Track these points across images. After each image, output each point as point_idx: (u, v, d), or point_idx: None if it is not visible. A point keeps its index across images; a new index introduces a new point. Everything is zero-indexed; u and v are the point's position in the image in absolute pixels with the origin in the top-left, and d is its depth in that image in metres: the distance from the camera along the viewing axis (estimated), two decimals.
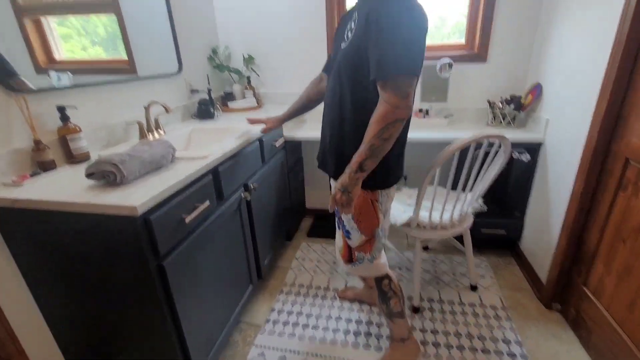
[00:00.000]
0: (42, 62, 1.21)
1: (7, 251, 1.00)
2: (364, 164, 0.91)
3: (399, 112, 0.86)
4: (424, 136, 1.78)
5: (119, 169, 0.91)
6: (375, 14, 0.85)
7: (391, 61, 0.83)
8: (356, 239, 1.13)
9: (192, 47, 1.93)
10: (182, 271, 1.02)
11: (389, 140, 0.88)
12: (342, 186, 0.95)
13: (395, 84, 0.84)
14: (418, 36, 0.86)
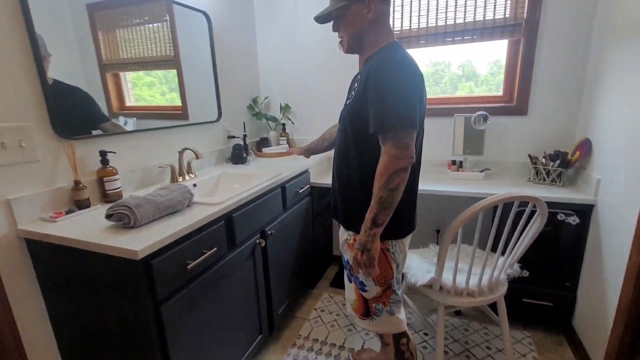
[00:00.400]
0: (115, 108, 1.45)
1: (34, 273, 1.10)
2: (377, 218, 0.93)
3: (400, 162, 0.89)
4: (457, 190, 1.67)
5: (133, 213, 0.98)
6: (373, 73, 0.93)
7: (389, 115, 0.89)
8: (372, 291, 1.12)
9: (233, 97, 2.11)
10: (181, 316, 1.02)
11: (396, 190, 0.91)
12: (360, 245, 0.97)
13: (395, 136, 0.89)
14: (413, 92, 0.93)
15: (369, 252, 0.96)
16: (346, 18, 1.02)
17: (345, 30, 1.05)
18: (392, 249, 1.09)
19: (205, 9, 1.80)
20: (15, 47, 1.03)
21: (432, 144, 2.04)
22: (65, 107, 1.19)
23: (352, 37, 1.04)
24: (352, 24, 1.02)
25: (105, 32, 1.40)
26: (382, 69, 0.92)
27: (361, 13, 1.00)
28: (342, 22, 1.04)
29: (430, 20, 1.87)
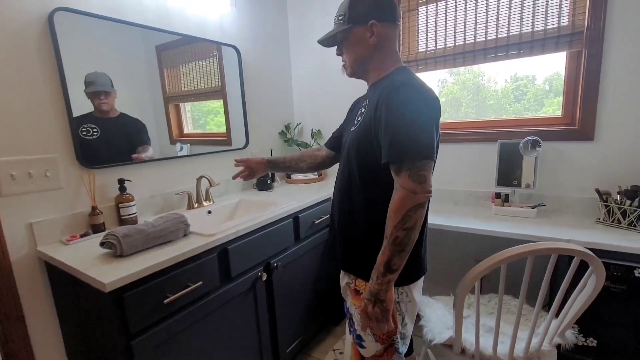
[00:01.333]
0: (175, 135, 1.66)
1: (51, 293, 1.20)
2: (392, 262, 0.81)
3: (418, 197, 0.79)
4: (499, 229, 1.39)
5: (120, 243, 1.00)
6: (385, 98, 0.84)
7: (404, 144, 0.79)
8: (370, 348, 0.97)
9: (263, 125, 2.15)
10: (156, 352, 1.00)
11: (413, 229, 0.80)
12: (371, 295, 0.84)
13: (411, 167, 0.79)
14: (430, 119, 0.84)
15: (383, 303, 0.83)
16: (348, 42, 0.97)
17: (347, 54, 0.99)
18: (397, 298, 0.93)
19: (235, 43, 1.89)
20: (48, 90, 1.18)
21: (473, 174, 1.79)
22: (115, 133, 1.40)
23: (354, 62, 0.99)
24: (355, 48, 0.96)
25: (169, 69, 1.61)
26: (395, 93, 0.84)
27: (363, 37, 0.94)
28: (345, 46, 0.99)
29: (468, 36, 1.68)
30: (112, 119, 1.40)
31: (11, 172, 1.09)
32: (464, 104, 1.90)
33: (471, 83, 1.88)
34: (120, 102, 1.41)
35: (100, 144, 1.34)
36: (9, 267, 1.10)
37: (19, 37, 1.10)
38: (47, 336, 1.20)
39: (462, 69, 1.85)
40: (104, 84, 1.34)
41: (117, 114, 1.41)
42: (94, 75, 1.31)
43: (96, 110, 1.33)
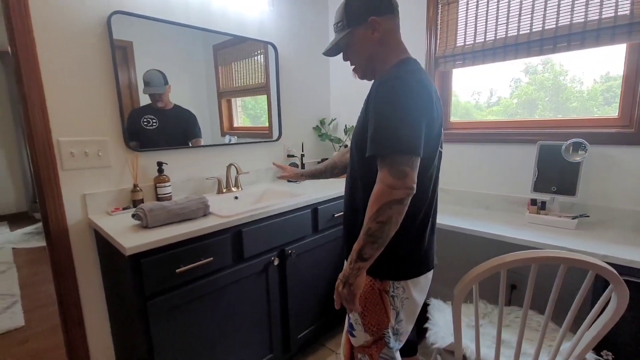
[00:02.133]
0: (226, 128, 1.85)
1: (97, 255, 1.40)
2: (364, 251, 0.82)
3: (395, 192, 0.77)
4: (533, 239, 1.28)
5: (146, 216, 1.15)
6: (374, 91, 0.85)
7: (385, 138, 0.79)
8: (360, 337, 0.96)
9: (297, 119, 2.22)
10: (169, 315, 1.12)
11: (387, 224, 0.79)
12: (343, 277, 0.88)
13: (391, 162, 0.78)
14: (417, 113, 0.81)
15: (351, 286, 0.86)
16: (354, 46, 0.96)
17: (354, 57, 0.99)
18: (393, 292, 0.93)
19: (273, 40, 1.98)
20: (103, 87, 1.38)
21: (508, 177, 1.66)
22: (171, 123, 1.60)
23: (363, 63, 0.98)
24: (360, 50, 0.96)
25: (223, 66, 1.79)
26: (382, 87, 0.83)
27: (366, 36, 0.93)
28: (352, 51, 0.98)
29: (511, 29, 1.56)
30: (168, 111, 1.60)
31: (71, 150, 1.31)
32: (540, 106, 1.69)
33: (550, 83, 1.66)
34: (180, 96, 1.61)
35: (157, 133, 1.54)
36: (65, 231, 1.32)
37: (83, 38, 1.31)
38: (92, 291, 1.41)
39: (540, 67, 1.68)
40: (159, 84, 1.54)
41: (171, 106, 1.60)
42: (149, 76, 1.51)
43: (153, 104, 1.53)
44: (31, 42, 1.17)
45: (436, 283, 2.01)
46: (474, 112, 1.91)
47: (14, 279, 2.69)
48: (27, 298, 2.40)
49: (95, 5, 1.33)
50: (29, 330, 2.02)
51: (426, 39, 1.84)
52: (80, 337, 1.38)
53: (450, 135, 1.84)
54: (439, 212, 1.65)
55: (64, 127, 1.29)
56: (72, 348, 1.37)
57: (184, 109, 1.65)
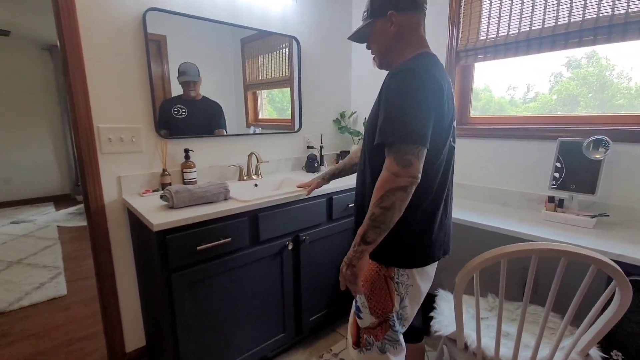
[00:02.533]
0: (251, 119, 1.95)
1: (130, 232, 1.54)
2: (367, 235, 0.87)
3: (399, 180, 0.82)
4: (546, 236, 1.27)
5: (172, 197, 1.26)
6: (386, 83, 0.90)
7: (393, 127, 0.83)
8: (366, 319, 1.02)
9: (317, 111, 2.28)
10: (190, 288, 1.23)
11: (390, 210, 0.83)
12: (347, 259, 0.93)
13: (397, 150, 0.82)
14: (426, 103, 0.84)
15: (354, 268, 0.91)
16: (373, 35, 1.02)
17: (373, 46, 1.04)
18: (397, 279, 0.98)
19: (296, 34, 2.04)
20: (137, 78, 1.50)
21: (527, 174, 1.64)
22: (198, 113, 1.70)
23: (380, 53, 1.03)
24: (378, 40, 1.01)
25: (250, 59, 1.88)
26: (394, 79, 0.87)
27: (384, 28, 0.98)
28: (371, 40, 1.04)
29: (536, 22, 1.52)
30: (197, 102, 1.71)
31: (109, 136, 1.44)
32: (582, 103, 1.61)
33: (595, 78, 1.57)
34: (208, 89, 1.72)
35: (186, 122, 1.66)
36: (103, 209, 1.47)
37: (121, 33, 1.43)
38: (124, 264, 1.56)
39: (584, 61, 1.59)
40: (194, 74, 1.66)
41: (200, 97, 1.71)
42: (186, 66, 1.63)
43: (185, 94, 1.64)
44: (77, 37, 1.30)
45: (446, 275, 2.02)
46: (508, 108, 1.85)
47: (58, 253, 2.97)
48: (70, 270, 2.65)
49: (132, 2, 1.44)
50: (70, 298, 2.25)
51: (448, 32, 1.82)
52: (114, 305, 1.54)
53: (470, 130, 1.83)
54: (455, 207, 1.66)
55: (103, 114, 1.42)
56: (106, 314, 1.53)
57: (212, 101, 1.75)
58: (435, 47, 1.87)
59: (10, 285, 2.39)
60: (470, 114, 1.91)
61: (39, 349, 1.75)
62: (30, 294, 2.26)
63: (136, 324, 1.62)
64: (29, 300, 2.19)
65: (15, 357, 1.69)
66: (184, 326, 1.24)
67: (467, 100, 1.90)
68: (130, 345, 1.62)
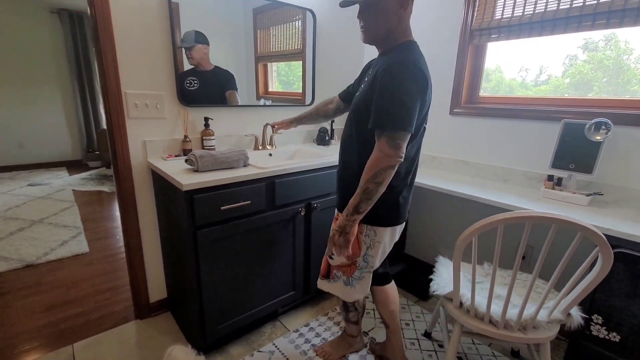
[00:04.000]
0: (261, 92, 1.99)
1: (153, 192, 1.66)
2: (359, 206, 1.04)
3: (390, 160, 0.98)
4: (541, 211, 1.36)
5: (197, 161, 1.35)
6: (381, 72, 0.99)
7: (387, 116, 0.96)
8: (337, 260, 1.25)
9: (330, 84, 2.32)
10: (213, 245, 1.35)
11: (381, 184, 1.00)
12: (339, 227, 1.09)
13: (390, 136, 0.97)
14: (414, 96, 0.97)
15: (346, 235, 1.08)
16: (377, 8, 1.01)
17: (373, 20, 1.04)
18: (365, 233, 1.17)
19: (311, 7, 2.06)
20: (161, 47, 1.56)
21: (529, 153, 1.72)
22: (210, 83, 1.74)
23: (378, 29, 1.04)
24: (381, 17, 1.02)
25: (261, 31, 1.88)
26: (389, 70, 0.97)
27: (394, 8, 1.01)
28: (373, 13, 1.03)
29: (552, 1, 1.55)
30: (208, 72, 1.75)
31: (135, 101, 1.52)
32: (596, 88, 1.60)
33: (611, 62, 1.54)
34: (220, 58, 1.75)
35: (199, 92, 1.72)
36: (130, 170, 1.57)
37: (146, 1, 1.47)
38: (149, 221, 1.68)
39: (602, 44, 1.56)
40: (188, 40, 1.62)
41: (212, 67, 1.76)
42: (185, 34, 1.61)
43: (197, 65, 1.69)
44: (107, 5, 1.36)
45: (445, 246, 2.15)
46: (518, 90, 1.85)
47: (76, 215, 3.13)
48: (89, 231, 2.80)
49: None
50: (92, 255, 2.41)
51: (463, 10, 1.84)
52: (139, 259, 1.68)
53: (478, 109, 1.89)
54: (457, 182, 1.76)
55: (130, 80, 1.49)
56: (132, 267, 1.67)
57: (223, 70, 1.79)
58: (448, 25, 1.91)
59: (36, 241, 2.55)
60: (479, 93, 1.96)
61: (69, 297, 1.92)
62: (56, 250, 2.43)
63: (158, 278, 1.77)
64: (55, 255, 2.35)
65: (49, 303, 1.86)
66: (207, 280, 1.37)
67: (477, 79, 1.94)
68: (153, 296, 1.77)
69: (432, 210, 2.20)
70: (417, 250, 2.36)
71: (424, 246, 2.31)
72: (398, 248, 2.35)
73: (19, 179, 4.22)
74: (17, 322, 1.71)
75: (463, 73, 1.91)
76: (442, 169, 2.08)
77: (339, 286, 1.28)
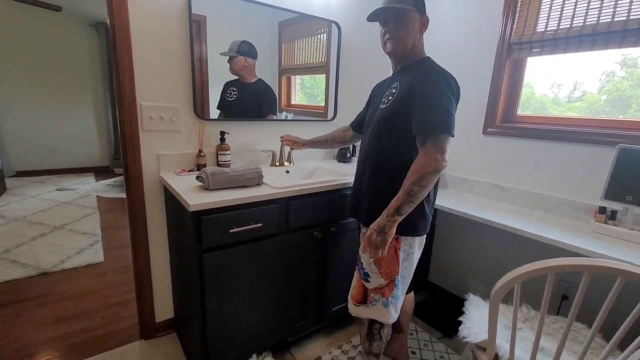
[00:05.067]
0: (284, 104, 1.94)
1: (164, 207, 1.60)
2: (402, 207, 1.03)
3: (437, 164, 1.00)
4: (592, 248, 1.17)
5: (208, 179, 1.27)
6: (420, 81, 1.05)
7: (433, 121, 1.00)
8: (374, 281, 1.21)
9: (353, 99, 2.22)
10: (220, 270, 1.26)
11: (426, 187, 1.01)
12: (378, 227, 1.07)
13: (436, 140, 1.00)
14: (453, 103, 1.05)
15: (385, 235, 1.06)
16: (408, 22, 1.11)
17: (404, 33, 1.12)
18: (402, 248, 1.18)
19: (337, 19, 1.98)
20: (180, 59, 1.51)
21: (575, 180, 1.53)
22: (248, 96, 1.73)
23: (404, 41, 1.12)
24: (410, 31, 1.12)
25: (286, 43, 1.86)
26: (430, 78, 1.05)
27: (417, 25, 1.13)
28: (402, 24, 1.11)
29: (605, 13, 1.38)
30: (249, 84, 1.73)
31: (150, 114, 1.48)
32: (635, 105, 1.48)
33: None
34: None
35: (235, 104, 1.69)
36: (141, 184, 1.52)
37: (167, 11, 1.44)
38: (159, 237, 1.62)
39: None
40: (231, 49, 1.65)
41: (254, 80, 1.74)
42: (231, 44, 1.63)
43: (238, 76, 1.68)
44: (125, 15, 1.33)
45: (476, 280, 1.96)
46: (550, 107, 1.73)
47: (97, 222, 3.16)
48: (107, 239, 2.81)
49: None
50: (107, 265, 2.39)
51: (501, 22, 1.70)
52: (146, 276, 1.61)
53: (516, 129, 1.72)
54: (490, 209, 1.60)
55: (146, 92, 1.45)
56: (139, 284, 1.61)
57: (266, 85, 1.77)
58: (484, 38, 1.76)
59: (55, 248, 2.57)
60: (517, 112, 1.79)
61: (78, 310, 1.88)
62: (72, 258, 2.42)
63: (166, 297, 1.70)
64: (71, 263, 2.35)
65: (57, 315, 1.83)
66: (211, 307, 1.27)
67: (515, 97, 1.78)
68: (159, 316, 1.70)
69: (461, 237, 2.02)
70: (442, 278, 2.17)
71: (449, 274, 2.12)
72: (421, 275, 2.17)
73: (49, 184, 4.37)
74: (25, 334, 1.68)
75: (499, 89, 1.75)
76: (473, 192, 1.91)
77: (379, 309, 1.22)
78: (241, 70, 1.68)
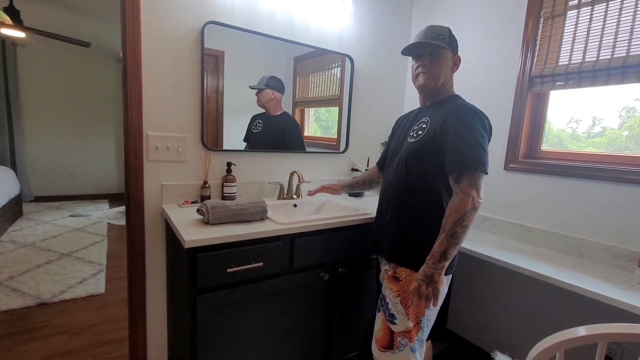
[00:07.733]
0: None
1: (164, 240, 1.52)
2: (448, 252, 0.98)
3: (474, 202, 0.97)
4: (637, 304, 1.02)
5: (208, 212, 1.20)
6: (453, 118, 1.04)
7: (469, 158, 0.98)
8: (401, 324, 1.12)
9: (366, 132, 2.16)
10: (215, 313, 1.14)
11: (468, 227, 0.97)
12: (426, 276, 1.00)
13: (472, 177, 0.98)
14: (487, 141, 1.04)
15: (435, 284, 0.99)
16: (443, 60, 1.13)
17: (437, 67, 1.13)
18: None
19: (350, 53, 1.97)
20: (190, 91, 1.50)
21: (615, 224, 1.37)
22: (272, 128, 1.75)
23: (440, 77, 1.13)
24: (444, 68, 1.13)
25: (301, 77, 1.87)
26: (464, 114, 1.04)
27: (450, 63, 1.15)
28: (439, 62, 1.12)
29: (635, 46, 1.30)
30: (275, 117, 1.75)
31: (156, 143, 1.45)
32: None
33: None
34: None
35: (260, 136, 1.70)
36: (142, 216, 1.46)
37: (179, 44, 1.45)
38: (157, 273, 1.53)
39: None
40: (260, 83, 1.69)
41: (279, 112, 1.76)
42: (261, 78, 1.68)
43: (265, 108, 1.71)
44: (138, 48, 1.34)
45: (501, 333, 1.75)
46: (569, 142, 1.64)
47: (103, 250, 3.11)
48: (111, 269, 2.74)
49: (193, 14, 1.46)
50: (107, 298, 2.29)
51: (520, 56, 1.64)
52: (141, 313, 1.50)
53: (541, 165, 1.59)
54: (515, 252, 1.46)
55: (153, 122, 1.43)
56: (133, 322, 1.50)
57: (291, 118, 1.79)
58: (503, 71, 1.70)
59: (58, 276, 2.51)
60: (541, 147, 1.67)
61: (70, 346, 1.77)
62: (73, 288, 2.35)
63: (160, 337, 1.58)
64: (70, 294, 2.27)
65: (48, 352, 1.72)
66: (204, 350, 1.15)
67: (538, 131, 1.68)
68: (152, 356, 1.57)
69: (482, 282, 1.84)
70: (461, 327, 1.97)
71: (470, 323, 1.92)
72: (440, 322, 1.97)
73: (64, 209, 4.42)
74: None
75: (521, 123, 1.66)
76: (495, 232, 1.76)
77: (406, 355, 1.12)
78: (267, 103, 1.71)
